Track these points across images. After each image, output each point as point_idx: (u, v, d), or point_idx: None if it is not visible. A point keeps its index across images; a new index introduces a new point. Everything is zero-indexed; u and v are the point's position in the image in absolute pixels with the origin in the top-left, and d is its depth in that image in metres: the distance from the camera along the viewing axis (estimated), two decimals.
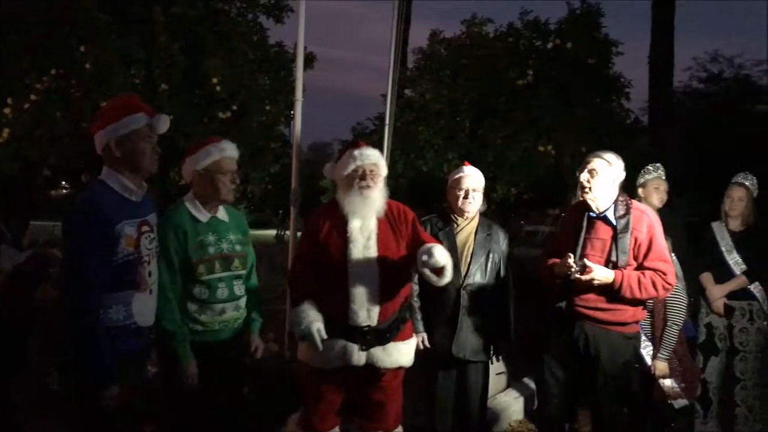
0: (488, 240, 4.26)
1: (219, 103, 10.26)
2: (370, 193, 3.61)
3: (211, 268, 3.35)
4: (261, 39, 11.70)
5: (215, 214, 3.47)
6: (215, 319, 3.37)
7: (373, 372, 3.62)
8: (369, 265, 3.56)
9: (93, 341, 2.74)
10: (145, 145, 2.96)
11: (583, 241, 3.98)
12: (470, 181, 4.26)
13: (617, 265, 3.88)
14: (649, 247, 3.90)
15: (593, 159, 3.98)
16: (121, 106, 3.00)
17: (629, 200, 4.03)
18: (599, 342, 3.88)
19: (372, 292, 3.55)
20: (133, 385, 2.97)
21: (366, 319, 3.55)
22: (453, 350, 4.12)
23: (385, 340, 3.61)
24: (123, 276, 2.89)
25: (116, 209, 2.87)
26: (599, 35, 13.55)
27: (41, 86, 8.66)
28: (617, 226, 3.91)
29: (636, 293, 3.83)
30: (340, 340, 3.55)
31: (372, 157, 3.66)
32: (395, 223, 3.72)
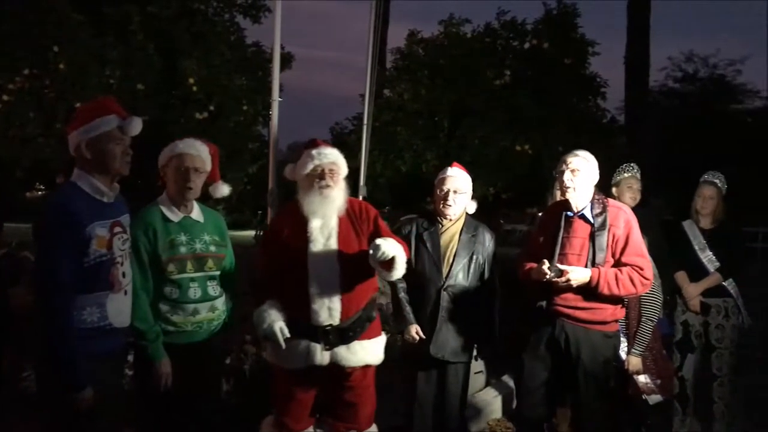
0: (473, 241, 4.23)
1: (196, 104, 10.21)
2: (329, 192, 3.59)
3: (183, 267, 3.32)
4: (238, 39, 11.66)
5: (189, 214, 3.45)
6: (188, 319, 3.33)
7: (339, 371, 3.62)
8: (329, 265, 3.55)
9: (66, 343, 2.73)
10: (115, 147, 2.95)
11: (562, 241, 3.98)
12: (452, 183, 4.21)
13: (595, 262, 3.86)
14: (626, 243, 3.89)
15: (573, 158, 3.98)
16: (94, 108, 3.00)
17: (604, 198, 4.06)
18: (580, 341, 3.87)
19: (332, 291, 3.53)
20: (109, 387, 2.96)
21: (327, 318, 3.53)
22: (431, 351, 4.10)
23: (348, 339, 3.58)
24: (96, 277, 2.87)
25: (87, 211, 2.86)
26: (575, 35, 13.69)
27: (14, 86, 8.55)
28: (594, 224, 3.91)
29: (614, 290, 3.83)
30: (303, 340, 3.53)
31: (330, 156, 3.64)
32: (357, 221, 3.71)
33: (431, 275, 4.13)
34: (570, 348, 3.88)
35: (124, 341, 3.10)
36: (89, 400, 2.78)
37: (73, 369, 2.75)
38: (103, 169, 2.93)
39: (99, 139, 2.90)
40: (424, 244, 4.17)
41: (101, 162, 2.92)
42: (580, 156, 3.97)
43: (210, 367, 3.47)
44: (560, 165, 3.99)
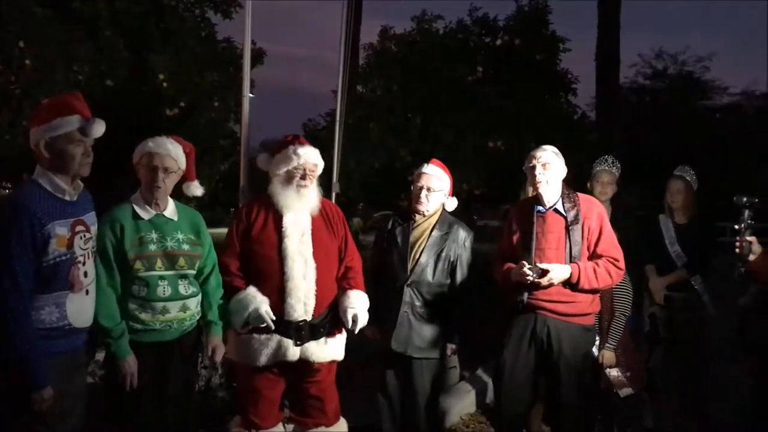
0: (444, 239, 4.20)
1: (166, 100, 10.10)
2: (307, 192, 3.63)
3: (151, 264, 3.28)
4: (209, 35, 11.56)
5: (162, 212, 3.42)
6: (156, 317, 3.28)
7: (307, 367, 3.62)
8: (305, 260, 3.56)
9: (24, 343, 2.70)
10: (74, 149, 2.88)
11: (536, 236, 3.99)
12: (427, 180, 4.21)
13: (572, 255, 3.92)
14: (599, 234, 3.97)
15: (542, 152, 4.01)
16: (56, 106, 2.93)
17: (573, 192, 4.14)
18: (561, 335, 3.91)
19: (308, 287, 3.55)
20: (70, 386, 2.92)
21: (302, 314, 3.54)
22: (393, 345, 4.09)
23: (319, 334, 3.61)
24: (55, 277, 2.83)
25: (46, 209, 2.81)
26: (547, 32, 13.78)
27: None
28: (568, 217, 3.96)
29: (594, 284, 3.90)
30: (273, 336, 3.53)
31: (313, 157, 3.66)
32: (329, 220, 3.76)
33: (398, 270, 4.14)
34: (552, 342, 3.91)
35: (85, 340, 3.06)
36: (50, 399, 2.76)
37: (32, 369, 2.72)
38: (62, 170, 2.89)
39: (58, 140, 2.85)
40: (395, 239, 4.19)
41: (59, 162, 2.88)
42: (548, 150, 4.02)
43: (180, 367, 3.43)
44: (529, 160, 4.02)
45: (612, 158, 5.15)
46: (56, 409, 2.80)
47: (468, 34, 13.89)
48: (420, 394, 4.16)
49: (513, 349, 3.99)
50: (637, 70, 25.30)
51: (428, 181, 4.19)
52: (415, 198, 4.21)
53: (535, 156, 3.99)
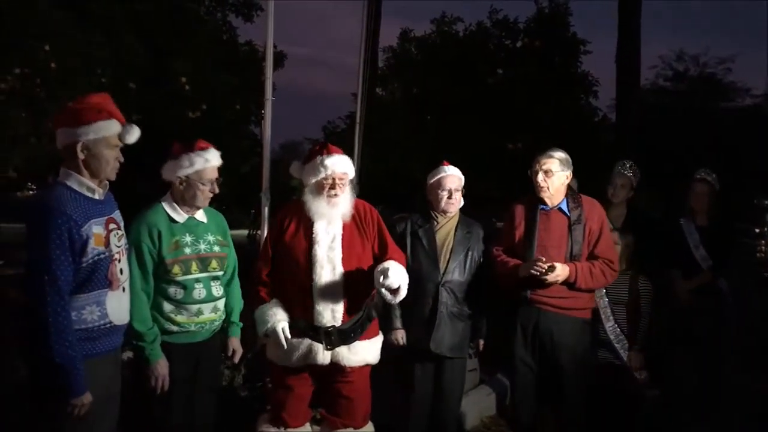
0: (468, 238, 4.28)
1: (188, 102, 10.18)
2: (338, 201, 3.63)
3: (188, 268, 3.33)
4: (230, 38, 11.65)
5: (193, 215, 3.45)
6: (192, 320, 3.35)
7: (339, 369, 3.65)
8: (333, 267, 3.57)
9: (64, 349, 2.69)
10: (110, 153, 2.89)
11: (539, 234, 4.09)
12: (452, 181, 4.28)
13: (573, 254, 4.05)
14: (599, 236, 4.06)
15: (546, 159, 4.12)
16: (95, 108, 2.90)
17: (577, 193, 4.22)
18: (564, 328, 4.01)
19: (336, 294, 3.57)
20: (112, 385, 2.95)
21: (330, 320, 3.57)
22: (431, 347, 4.13)
23: (349, 339, 3.62)
24: (94, 275, 2.83)
25: (81, 210, 2.81)
26: (567, 34, 13.74)
27: (5, 86, 8.51)
28: (571, 217, 4.10)
29: (590, 284, 4.04)
30: (305, 340, 3.57)
31: (342, 165, 3.66)
32: (361, 224, 3.74)
33: (428, 272, 4.16)
34: (554, 337, 4.01)
35: (122, 339, 3.08)
36: (88, 404, 2.76)
37: (72, 375, 2.72)
38: (93, 173, 2.89)
39: (97, 143, 2.85)
40: (420, 241, 4.21)
41: (93, 165, 2.88)
42: (554, 157, 4.12)
43: (209, 366, 3.48)
44: (534, 164, 4.11)
45: (630, 162, 5.17)
46: (96, 409, 2.82)
47: (488, 36, 13.88)
48: (451, 393, 4.23)
49: (520, 357, 4.10)
50: (657, 71, 25.09)
51: (452, 183, 4.26)
52: (443, 200, 4.25)
53: (540, 162, 4.09)
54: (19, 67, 8.53)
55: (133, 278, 3.17)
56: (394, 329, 4.12)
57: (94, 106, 2.91)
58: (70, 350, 2.71)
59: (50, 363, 2.69)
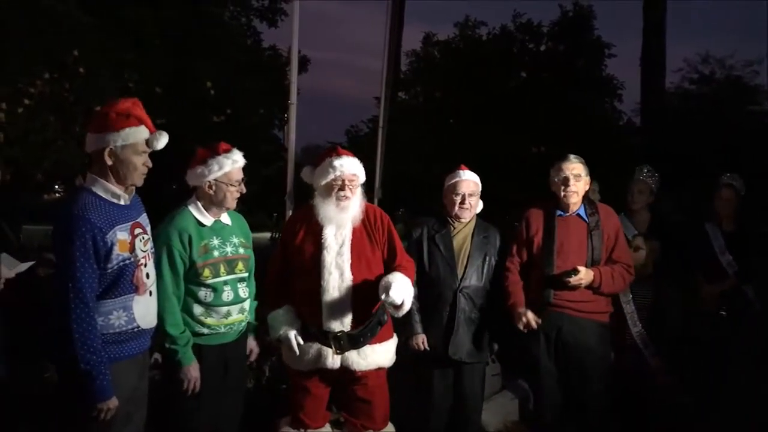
0: (485, 243, 4.26)
1: (212, 107, 10.27)
2: (347, 203, 3.62)
3: (217, 271, 3.37)
4: (255, 42, 11.73)
5: (219, 218, 3.49)
6: (221, 321, 3.39)
7: (350, 374, 3.65)
8: (341, 273, 3.56)
9: (90, 355, 2.71)
10: (138, 160, 2.90)
11: (559, 239, 4.11)
12: (467, 186, 4.25)
13: (594, 259, 4.09)
14: (615, 241, 4.13)
15: (576, 164, 4.15)
16: (123, 114, 2.91)
17: (592, 200, 4.26)
18: (586, 331, 4.04)
19: (344, 300, 3.51)
20: (138, 388, 2.98)
21: (339, 325, 3.49)
22: (450, 352, 4.12)
23: (359, 344, 3.60)
24: (120, 281, 2.85)
25: (106, 217, 2.82)
26: (591, 37, 13.66)
27: (35, 90, 8.65)
28: (590, 223, 4.11)
29: (611, 288, 4.07)
30: (314, 344, 3.58)
31: (351, 167, 3.64)
32: (371, 229, 3.72)
33: (446, 277, 4.15)
34: (578, 341, 4.03)
35: (150, 342, 3.10)
36: (115, 408, 2.79)
37: (98, 380, 2.74)
38: (121, 178, 2.90)
39: (125, 149, 2.86)
40: (437, 247, 4.20)
41: (121, 171, 2.89)
42: (579, 161, 4.17)
43: (238, 367, 3.52)
44: (562, 172, 4.13)
45: (647, 167, 5.13)
46: (123, 411, 2.84)
47: (511, 40, 13.84)
48: (471, 398, 4.22)
49: (544, 365, 4.10)
50: (682, 74, 24.82)
51: (467, 188, 4.23)
52: (456, 205, 4.22)
53: (568, 167, 4.11)
54: (48, 71, 8.67)
55: (165, 283, 3.20)
56: (415, 334, 4.11)
57: (123, 112, 2.90)
58: (95, 356, 2.73)
59: (76, 368, 2.72)
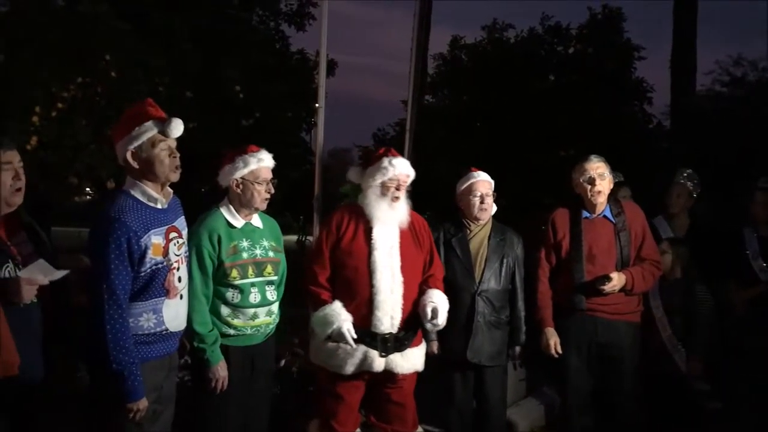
0: (502, 245, 4.23)
1: (241, 110, 10.36)
2: (399, 204, 3.64)
3: (245, 272, 3.37)
4: (282, 46, 11.82)
5: (249, 221, 3.50)
6: (248, 323, 3.39)
7: (390, 376, 3.62)
8: (393, 273, 3.57)
9: (122, 356, 2.75)
10: (160, 152, 2.86)
11: (587, 242, 4.06)
12: (483, 186, 4.23)
13: (623, 261, 4.04)
14: (643, 239, 4.10)
15: (597, 163, 4.09)
16: (132, 115, 2.95)
17: (615, 198, 4.19)
18: (619, 333, 4.00)
19: (395, 300, 3.52)
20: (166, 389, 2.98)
21: (389, 327, 3.55)
22: (468, 356, 4.09)
23: (403, 346, 3.61)
24: (152, 284, 2.87)
25: (141, 220, 2.84)
26: (620, 40, 13.53)
27: (68, 95, 8.81)
28: (617, 223, 4.07)
29: (642, 287, 4.05)
30: (360, 347, 3.52)
31: (406, 168, 3.68)
32: (416, 233, 3.75)
33: (463, 281, 4.10)
34: (612, 344, 3.99)
35: (177, 344, 3.13)
36: (145, 409, 2.82)
37: (130, 380, 2.77)
38: (153, 176, 2.91)
39: (142, 147, 2.87)
40: (454, 251, 4.16)
41: (149, 169, 2.89)
42: (602, 160, 4.09)
43: (265, 369, 3.53)
44: (586, 172, 4.08)
45: (688, 171, 5.08)
46: (150, 411, 2.87)
47: (539, 42, 13.76)
48: (493, 401, 4.18)
49: (575, 361, 4.04)
50: (713, 77, 24.48)
51: (483, 188, 4.21)
52: (476, 207, 4.20)
53: (593, 168, 4.07)
54: (80, 76, 8.82)
55: (194, 282, 3.23)
56: (429, 341, 4.10)
57: (131, 114, 2.96)
58: (127, 356, 2.76)
59: (108, 368, 2.75)
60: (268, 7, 11.49)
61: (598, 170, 4.05)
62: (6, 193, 2.69)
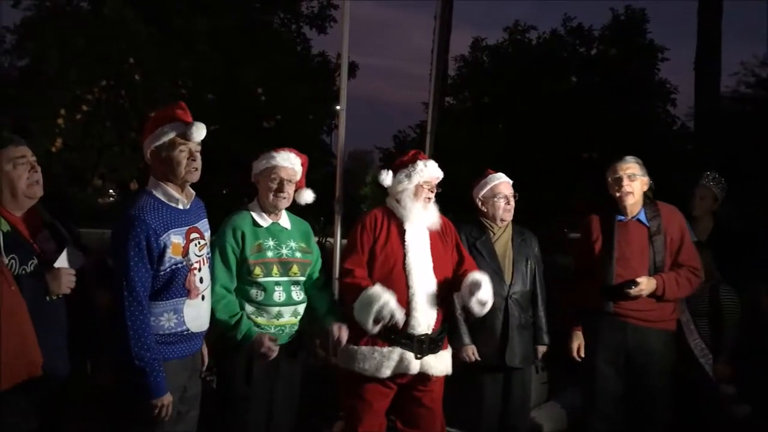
0: (524, 245, 4.24)
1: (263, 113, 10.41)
2: (431, 205, 3.72)
3: (269, 271, 3.42)
4: (304, 49, 11.86)
5: (277, 221, 3.56)
6: (271, 322, 3.42)
7: (423, 379, 3.61)
8: (427, 274, 3.57)
9: (143, 353, 2.77)
10: (179, 155, 2.90)
11: (619, 246, 3.98)
12: (506, 187, 4.24)
13: (656, 266, 3.94)
14: (681, 244, 3.98)
15: (628, 164, 4.03)
16: (159, 117, 3.01)
17: (654, 201, 4.09)
18: (649, 340, 3.91)
19: (431, 301, 3.54)
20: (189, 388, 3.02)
21: (425, 328, 3.52)
22: (507, 360, 4.08)
23: (438, 348, 3.62)
24: (172, 284, 2.90)
25: (161, 219, 2.88)
26: (643, 41, 13.41)
27: (92, 97, 8.92)
28: (651, 227, 3.98)
29: (677, 294, 3.93)
30: (396, 349, 3.53)
31: (437, 171, 3.75)
32: (444, 234, 3.79)
33: (494, 285, 4.04)
34: (642, 352, 3.91)
35: (201, 344, 3.16)
36: (168, 406, 2.84)
37: (152, 377, 2.80)
38: (170, 177, 2.95)
39: (163, 148, 2.93)
40: (480, 254, 4.13)
41: (167, 169, 2.94)
42: (633, 161, 4.03)
43: (290, 370, 3.54)
44: (615, 171, 4.02)
45: (713, 174, 5.03)
46: (173, 411, 2.90)
47: (562, 44, 13.69)
48: (521, 401, 4.18)
49: (602, 363, 3.99)
50: (739, 78, 24.17)
51: (507, 189, 4.22)
52: (501, 208, 4.20)
53: (622, 167, 4.00)
54: (105, 78, 8.93)
55: (216, 276, 3.27)
56: (465, 345, 4.07)
57: (159, 115, 3.02)
58: (149, 353, 2.79)
59: (130, 365, 2.78)
60: (289, 10, 11.53)
61: (628, 171, 3.98)
62: (23, 186, 2.78)
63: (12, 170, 2.76)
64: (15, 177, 2.77)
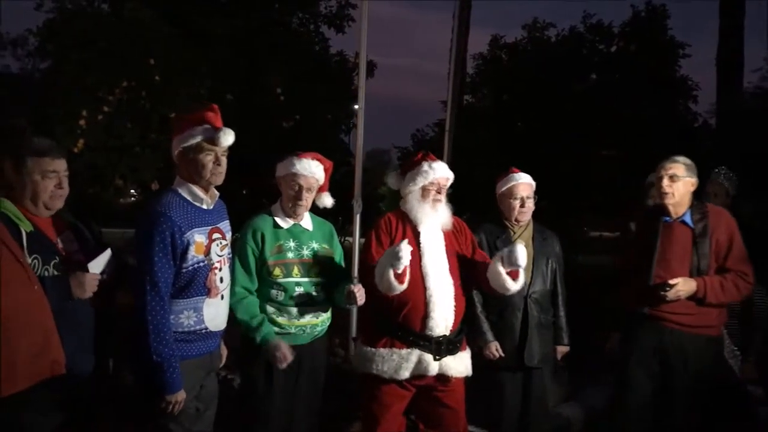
0: (545, 245, 4.25)
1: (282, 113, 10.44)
2: (440, 206, 3.70)
3: (289, 271, 3.45)
4: (322, 49, 11.88)
5: (299, 222, 3.59)
6: (292, 322, 3.45)
7: (442, 380, 3.62)
8: (443, 276, 3.58)
9: (162, 347, 2.80)
10: (204, 158, 2.95)
11: (661, 247, 3.91)
12: (524, 189, 4.22)
13: (699, 269, 3.83)
14: (729, 248, 3.86)
15: (671, 164, 3.95)
16: (188, 118, 3.04)
17: (703, 203, 4.02)
18: (687, 347, 3.81)
19: (448, 303, 3.55)
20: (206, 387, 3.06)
21: (443, 329, 3.53)
22: (526, 360, 4.08)
23: (456, 349, 3.62)
24: (193, 282, 2.94)
25: (186, 217, 2.93)
26: (664, 38, 13.26)
27: (113, 98, 9.00)
28: (696, 229, 3.88)
29: (720, 298, 3.81)
30: (414, 351, 3.54)
31: (445, 171, 3.74)
32: (458, 235, 3.80)
33: None
34: (676, 354, 3.84)
35: (219, 343, 3.19)
36: (182, 402, 2.88)
37: (168, 372, 2.83)
38: (195, 178, 3.00)
39: (190, 150, 2.97)
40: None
41: (192, 171, 2.99)
42: (678, 161, 3.94)
43: (312, 369, 3.55)
44: (658, 171, 3.96)
45: (724, 170, 4.98)
46: (191, 409, 2.94)
47: (581, 41, 13.57)
48: (542, 401, 4.18)
49: (635, 365, 3.94)
50: (762, 74, 23.86)
51: (524, 191, 4.22)
52: (516, 209, 4.20)
53: (664, 167, 3.94)
54: (126, 79, 9.01)
55: (236, 277, 3.31)
56: (488, 342, 4.08)
57: (189, 116, 3.05)
58: (167, 348, 2.83)
59: (148, 360, 2.82)
60: (307, 10, 11.55)
61: (670, 171, 3.90)
62: (45, 198, 2.81)
63: (40, 181, 2.79)
64: (41, 189, 2.80)
